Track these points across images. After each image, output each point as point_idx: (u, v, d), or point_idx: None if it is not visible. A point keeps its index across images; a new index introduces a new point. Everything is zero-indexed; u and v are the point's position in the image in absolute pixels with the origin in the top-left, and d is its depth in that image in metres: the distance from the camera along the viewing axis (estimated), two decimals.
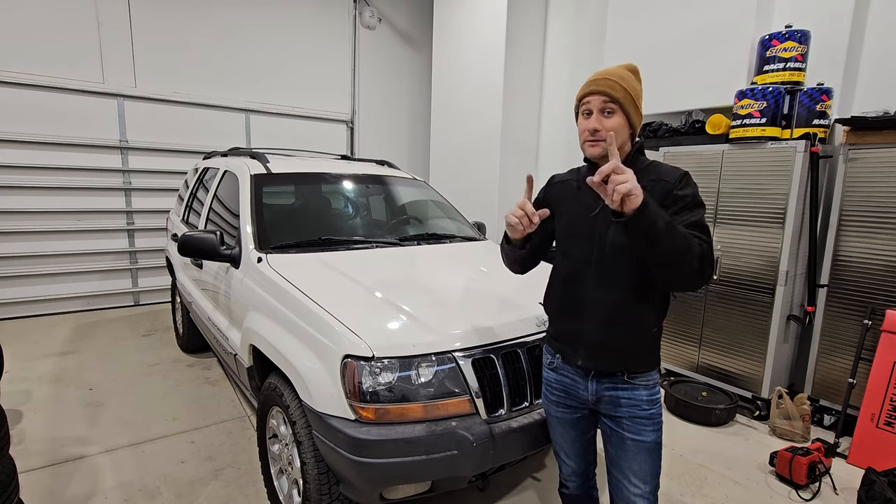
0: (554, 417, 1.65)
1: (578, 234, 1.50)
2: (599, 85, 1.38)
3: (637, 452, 1.48)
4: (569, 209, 1.55)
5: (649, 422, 1.47)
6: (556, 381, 1.60)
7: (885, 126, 2.81)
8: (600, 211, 1.44)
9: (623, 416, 1.48)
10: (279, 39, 6.06)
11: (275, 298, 2.13)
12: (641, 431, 1.46)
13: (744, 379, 3.37)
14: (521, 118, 5.57)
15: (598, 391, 1.50)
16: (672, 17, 3.90)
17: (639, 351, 1.45)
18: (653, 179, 1.38)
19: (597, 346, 1.46)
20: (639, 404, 1.46)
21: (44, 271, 4.97)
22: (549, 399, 1.65)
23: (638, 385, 1.46)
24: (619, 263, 1.41)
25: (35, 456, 2.58)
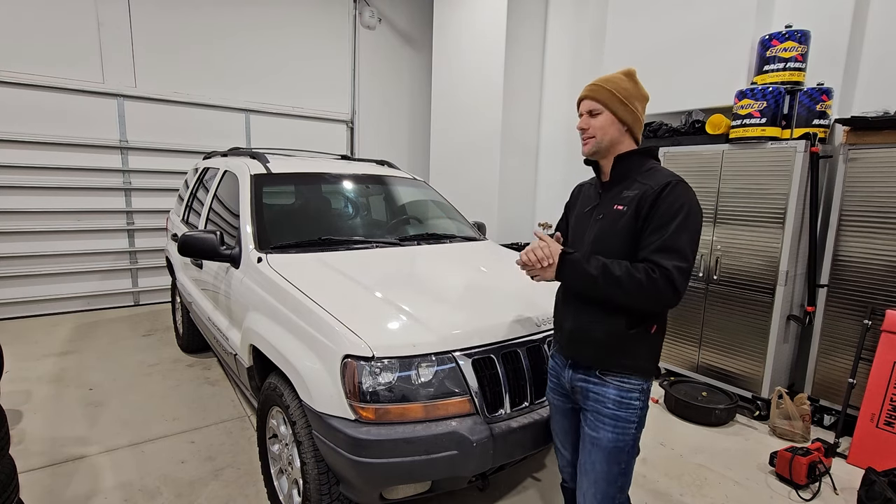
0: (553, 406, 1.73)
1: (574, 232, 1.62)
2: (587, 90, 1.51)
3: (591, 450, 1.48)
4: (576, 209, 1.67)
5: (610, 421, 1.44)
6: (552, 367, 1.71)
7: (885, 126, 2.81)
8: (593, 209, 1.55)
9: (588, 410, 1.51)
10: (279, 39, 6.06)
11: (275, 298, 2.13)
12: (599, 428, 1.46)
13: (744, 379, 3.37)
14: (521, 118, 5.57)
15: (572, 380, 1.56)
16: (672, 17, 3.90)
17: (613, 349, 1.43)
18: (643, 183, 1.43)
19: (571, 334, 1.53)
20: (604, 401, 1.45)
21: (44, 271, 4.97)
22: (550, 386, 1.73)
23: (608, 382, 1.45)
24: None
25: (35, 456, 2.58)
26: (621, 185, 1.48)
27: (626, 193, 1.44)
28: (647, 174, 1.45)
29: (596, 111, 1.48)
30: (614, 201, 1.46)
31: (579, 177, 5.86)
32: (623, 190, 1.46)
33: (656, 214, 1.35)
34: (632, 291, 1.32)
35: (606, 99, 1.46)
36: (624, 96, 1.46)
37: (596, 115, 1.48)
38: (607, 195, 1.51)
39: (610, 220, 1.45)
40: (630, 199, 1.42)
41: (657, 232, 1.35)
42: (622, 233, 1.41)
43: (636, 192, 1.42)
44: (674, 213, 1.34)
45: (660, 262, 1.31)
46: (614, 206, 1.45)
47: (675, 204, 1.34)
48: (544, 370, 1.94)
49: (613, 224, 1.44)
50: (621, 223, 1.42)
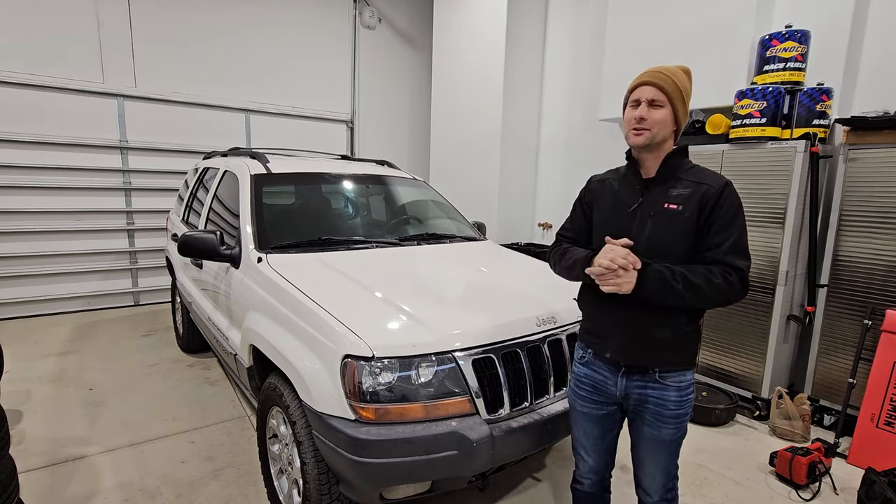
0: (579, 412, 1.66)
1: (615, 230, 1.50)
2: (652, 76, 1.43)
3: (651, 446, 1.55)
4: (606, 205, 1.59)
5: (672, 420, 1.50)
6: (587, 376, 1.62)
7: (885, 126, 2.81)
8: (638, 206, 1.49)
9: (646, 412, 1.52)
10: (279, 39, 6.06)
11: (275, 298, 2.13)
12: (661, 428, 1.50)
13: (744, 379, 3.37)
14: (521, 118, 5.57)
15: (627, 387, 1.52)
16: (672, 17, 3.90)
17: (670, 348, 1.46)
18: (694, 182, 1.43)
19: (627, 340, 1.48)
20: (665, 404, 1.49)
21: (44, 271, 4.97)
22: (577, 394, 1.66)
23: (668, 385, 1.48)
24: (655, 257, 1.42)
25: (35, 456, 2.58)
26: (667, 183, 1.47)
27: (676, 192, 1.44)
28: (690, 172, 1.47)
29: (659, 102, 1.41)
30: (663, 199, 1.45)
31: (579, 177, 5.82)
32: (670, 188, 1.45)
33: (719, 215, 1.39)
34: (712, 297, 1.37)
35: (673, 92, 1.41)
36: (685, 93, 1.44)
37: (658, 106, 1.42)
38: (652, 193, 1.48)
39: (665, 218, 1.43)
40: (685, 198, 1.42)
41: (723, 232, 1.39)
42: (682, 231, 1.42)
43: (689, 190, 1.42)
44: (734, 213, 1.41)
45: (734, 263, 1.37)
46: (665, 205, 1.44)
47: (735, 205, 1.42)
48: (544, 370, 1.94)
49: (671, 223, 1.42)
50: (680, 222, 1.41)
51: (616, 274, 1.36)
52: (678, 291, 1.35)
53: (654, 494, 1.60)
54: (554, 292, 2.28)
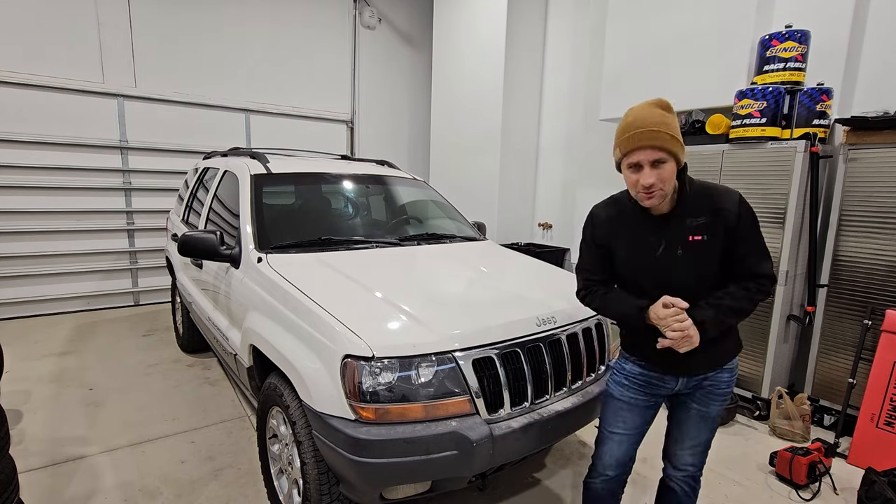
0: (624, 402, 1.68)
1: (641, 268, 1.56)
2: (648, 139, 1.35)
3: (698, 423, 1.65)
4: (625, 241, 1.57)
5: (721, 398, 1.63)
6: (641, 375, 1.66)
7: (885, 126, 2.81)
8: (666, 245, 1.50)
9: (698, 393, 1.63)
10: (279, 39, 6.06)
11: (275, 298, 2.13)
12: (710, 404, 1.63)
13: (744, 379, 3.37)
14: (520, 118, 5.57)
15: (687, 384, 1.62)
16: (672, 17, 3.89)
17: (728, 349, 1.60)
18: (714, 209, 1.46)
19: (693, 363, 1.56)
20: (718, 384, 1.61)
21: (44, 271, 4.97)
22: (625, 386, 1.68)
23: (723, 369, 1.61)
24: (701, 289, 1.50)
25: (35, 456, 2.58)
26: (683, 213, 1.48)
27: (696, 222, 1.47)
28: (700, 196, 1.49)
29: (662, 160, 1.36)
30: (686, 233, 1.47)
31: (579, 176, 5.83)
32: (687, 218, 1.47)
33: (743, 231, 1.47)
34: (753, 309, 1.50)
35: (673, 146, 1.36)
36: (679, 136, 1.39)
37: (662, 164, 1.36)
38: (671, 228, 1.49)
39: (696, 251, 1.47)
40: (706, 227, 1.46)
41: (749, 244, 1.48)
42: (716, 260, 1.48)
43: (708, 218, 1.46)
44: (752, 223, 1.49)
45: (763, 270, 1.48)
46: (689, 238, 1.47)
47: (751, 215, 1.49)
48: (544, 370, 1.94)
49: (701, 254, 1.48)
50: (712, 252, 1.47)
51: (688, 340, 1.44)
52: (731, 324, 1.51)
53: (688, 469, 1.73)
54: (554, 292, 2.28)
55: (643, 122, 1.36)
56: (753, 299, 1.48)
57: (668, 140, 1.34)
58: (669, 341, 1.45)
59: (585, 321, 2.16)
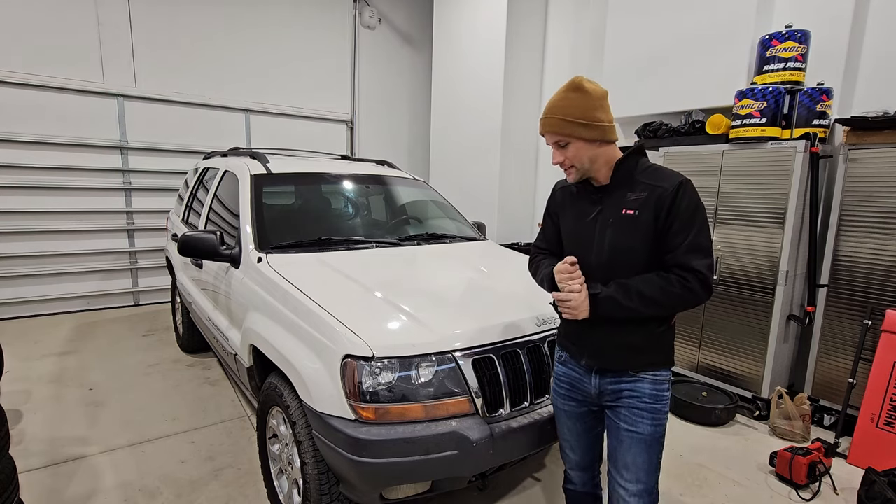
0: (561, 410, 1.68)
1: (579, 239, 1.54)
2: (544, 125, 1.45)
3: (630, 444, 1.49)
4: (570, 213, 1.60)
5: (648, 414, 1.47)
6: (565, 374, 1.64)
7: (885, 126, 2.81)
8: (597, 215, 1.49)
9: (622, 407, 1.50)
10: (279, 39, 6.06)
11: (275, 298, 2.13)
12: (637, 423, 1.47)
13: (744, 379, 3.37)
14: (520, 118, 5.57)
15: (601, 385, 1.53)
16: (672, 17, 3.90)
17: (644, 350, 1.47)
18: (650, 184, 1.42)
19: (600, 346, 1.50)
20: (639, 396, 1.47)
21: (44, 271, 4.97)
22: (558, 392, 1.68)
23: (642, 378, 1.48)
24: (619, 266, 1.44)
25: (35, 456, 2.58)
26: (624, 187, 1.45)
27: (633, 196, 1.43)
28: (647, 173, 1.45)
29: (562, 142, 1.43)
30: (621, 205, 1.44)
31: None
32: (626, 192, 1.44)
33: (676, 216, 1.37)
34: (671, 304, 1.38)
35: (565, 129, 1.40)
36: (581, 117, 1.38)
37: (564, 145, 1.44)
38: (609, 199, 1.47)
39: (623, 224, 1.43)
40: (641, 202, 1.41)
41: (681, 234, 1.37)
42: (640, 236, 1.41)
43: (644, 193, 1.41)
44: (692, 213, 1.38)
45: (691, 264, 1.35)
46: (623, 211, 1.43)
47: (692, 204, 1.38)
48: (545, 370, 1.94)
49: (629, 228, 1.42)
50: (638, 226, 1.41)
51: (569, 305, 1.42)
52: (633, 308, 1.38)
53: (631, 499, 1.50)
54: None
55: (547, 109, 1.45)
56: (669, 291, 1.35)
57: (560, 125, 1.41)
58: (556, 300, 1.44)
59: None
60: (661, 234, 1.40)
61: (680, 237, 1.37)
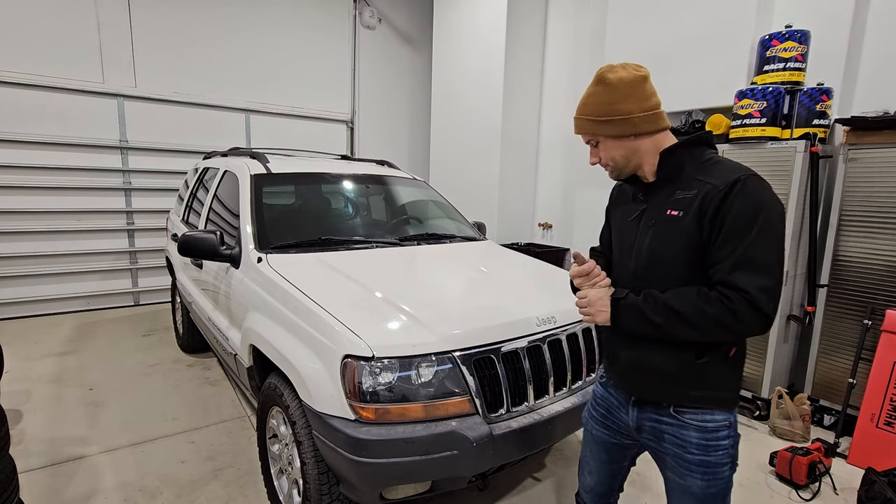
0: (589, 433, 1.51)
1: (621, 242, 1.38)
2: (576, 127, 1.34)
3: (681, 497, 1.29)
4: (618, 213, 1.44)
5: (699, 469, 1.22)
6: (603, 397, 1.46)
7: (885, 126, 2.81)
8: (640, 215, 1.30)
9: (667, 454, 1.28)
10: (279, 39, 6.06)
11: (275, 298, 2.13)
12: (686, 476, 1.25)
13: (744, 379, 3.36)
14: (521, 118, 5.57)
15: (639, 419, 1.32)
16: (672, 17, 3.90)
17: (681, 380, 1.22)
18: (702, 180, 1.18)
19: (628, 366, 1.31)
20: (685, 446, 1.23)
21: (44, 271, 4.97)
22: (592, 416, 1.50)
23: (687, 423, 1.23)
24: (655, 274, 1.24)
25: (35, 456, 2.58)
26: (674, 184, 1.23)
27: (682, 194, 1.20)
28: (705, 168, 1.20)
29: (594, 142, 1.31)
30: (666, 204, 1.22)
31: (579, 176, 5.82)
32: (676, 190, 1.22)
33: (727, 221, 1.11)
34: (705, 328, 1.12)
35: (589, 129, 1.29)
36: (603, 113, 1.24)
37: (596, 144, 1.32)
38: (656, 198, 1.27)
39: (666, 227, 1.21)
40: (688, 202, 1.17)
41: (730, 243, 1.10)
42: (681, 244, 1.18)
43: (694, 191, 1.17)
44: (749, 217, 1.09)
45: (738, 283, 1.08)
46: (667, 211, 1.22)
47: (749, 207, 1.10)
48: (545, 370, 1.94)
49: (671, 232, 1.20)
50: (679, 231, 1.18)
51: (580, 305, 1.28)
52: (658, 325, 1.15)
53: None
54: (554, 292, 2.28)
55: (577, 109, 1.34)
56: (704, 311, 1.10)
57: (585, 125, 1.30)
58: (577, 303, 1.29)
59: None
60: (705, 244, 1.15)
61: (727, 248, 1.11)
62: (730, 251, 1.11)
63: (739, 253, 1.09)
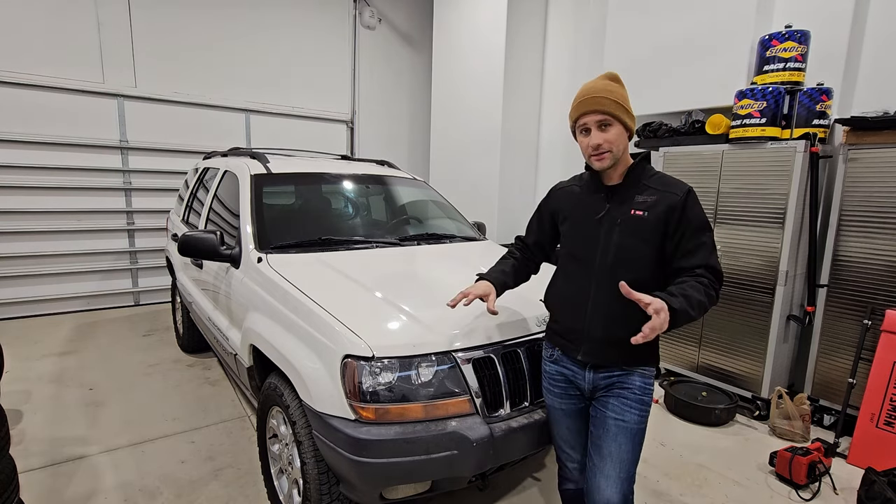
0: (558, 410, 1.70)
1: (584, 237, 1.57)
2: (592, 104, 1.46)
3: (617, 433, 1.53)
4: (573, 214, 1.64)
5: (636, 405, 1.53)
6: (558, 372, 1.68)
7: (885, 126, 2.81)
8: (605, 214, 1.53)
9: (612, 397, 1.55)
10: (279, 40, 6.07)
11: (275, 298, 2.13)
12: (625, 413, 1.53)
13: (744, 379, 3.37)
14: (521, 118, 5.57)
15: (594, 380, 1.58)
16: (672, 17, 3.90)
17: (641, 349, 1.47)
18: (659, 189, 1.49)
19: (598, 342, 1.53)
20: (630, 388, 1.54)
21: (44, 271, 4.97)
22: (552, 392, 1.70)
23: (633, 371, 1.54)
24: (623, 265, 1.49)
25: (35, 456, 2.59)
26: (632, 189, 1.51)
27: (642, 199, 1.49)
28: (654, 179, 1.52)
29: (607, 122, 1.45)
30: (629, 206, 1.50)
31: None
32: (635, 195, 1.50)
33: (690, 220, 1.44)
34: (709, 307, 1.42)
35: (615, 110, 1.44)
36: (624, 103, 1.46)
37: (607, 127, 1.46)
38: (617, 199, 1.52)
39: (632, 225, 1.48)
40: (650, 205, 1.47)
41: (696, 237, 1.44)
42: (649, 238, 1.47)
43: (653, 197, 1.47)
44: (703, 218, 1.47)
45: (714, 266, 1.44)
46: (632, 212, 1.49)
47: (701, 209, 1.48)
48: None
49: (637, 229, 1.47)
50: (647, 228, 1.47)
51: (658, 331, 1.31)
52: (694, 317, 1.39)
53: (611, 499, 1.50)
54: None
55: (589, 90, 1.48)
56: (709, 295, 1.41)
57: (610, 105, 1.44)
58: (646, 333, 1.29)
59: None
60: (668, 239, 1.46)
61: (696, 241, 1.44)
62: (699, 243, 1.45)
63: (709, 245, 1.46)
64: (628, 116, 1.47)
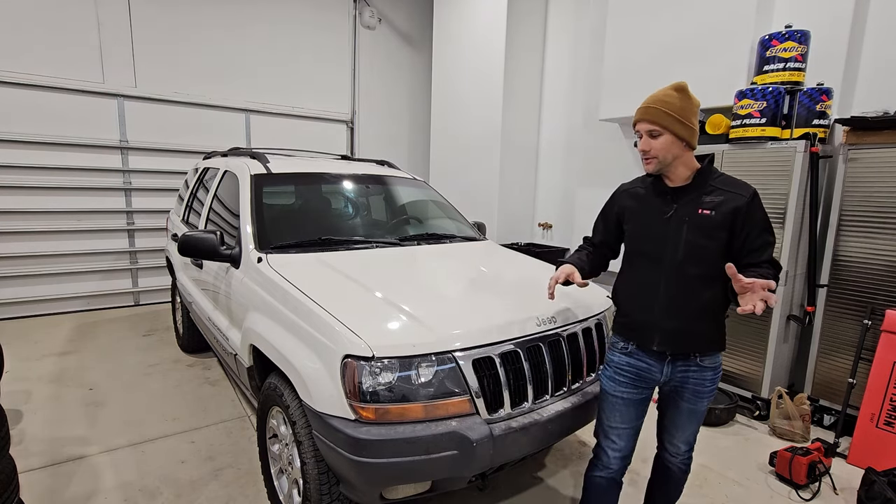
0: (618, 399, 1.77)
1: (652, 236, 1.67)
2: (644, 114, 1.59)
3: (690, 418, 1.76)
4: (640, 213, 1.73)
5: (709, 394, 1.72)
6: (629, 364, 1.75)
7: (885, 126, 2.81)
8: (672, 214, 1.63)
9: (686, 390, 1.71)
10: (279, 39, 6.07)
11: (275, 298, 2.13)
12: (698, 402, 1.72)
13: (744, 379, 3.37)
14: (521, 118, 5.57)
15: (671, 373, 1.69)
16: (672, 17, 3.89)
17: (714, 336, 1.65)
18: (726, 190, 1.59)
19: (673, 332, 1.64)
20: (703, 382, 1.69)
21: (44, 271, 4.97)
22: (618, 381, 1.77)
23: (706, 367, 1.68)
24: (692, 260, 1.59)
25: (35, 456, 2.59)
26: (698, 190, 1.61)
27: (708, 199, 1.59)
28: (719, 180, 1.62)
29: (656, 132, 1.56)
30: (696, 205, 1.59)
31: (578, 177, 5.82)
32: (702, 195, 1.60)
33: (755, 221, 1.56)
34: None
35: (664, 120, 1.54)
36: (679, 114, 1.54)
37: (656, 136, 1.57)
38: (684, 199, 1.62)
39: (699, 223, 1.58)
40: (717, 205, 1.57)
41: (762, 236, 1.56)
42: (717, 235, 1.57)
43: (720, 198, 1.58)
44: (767, 219, 1.59)
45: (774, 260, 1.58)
46: (699, 210, 1.58)
47: (764, 211, 1.59)
48: (544, 370, 1.94)
49: (704, 227, 1.58)
50: (714, 226, 1.57)
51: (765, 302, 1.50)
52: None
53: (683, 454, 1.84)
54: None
55: (648, 100, 1.60)
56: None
57: (661, 116, 1.54)
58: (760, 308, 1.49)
59: (585, 321, 2.16)
60: (737, 236, 1.57)
61: (762, 239, 1.56)
62: (765, 241, 1.57)
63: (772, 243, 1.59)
64: (682, 128, 1.54)
